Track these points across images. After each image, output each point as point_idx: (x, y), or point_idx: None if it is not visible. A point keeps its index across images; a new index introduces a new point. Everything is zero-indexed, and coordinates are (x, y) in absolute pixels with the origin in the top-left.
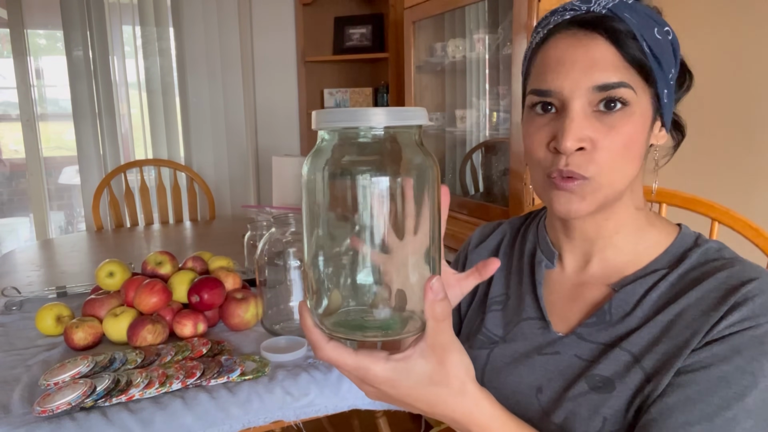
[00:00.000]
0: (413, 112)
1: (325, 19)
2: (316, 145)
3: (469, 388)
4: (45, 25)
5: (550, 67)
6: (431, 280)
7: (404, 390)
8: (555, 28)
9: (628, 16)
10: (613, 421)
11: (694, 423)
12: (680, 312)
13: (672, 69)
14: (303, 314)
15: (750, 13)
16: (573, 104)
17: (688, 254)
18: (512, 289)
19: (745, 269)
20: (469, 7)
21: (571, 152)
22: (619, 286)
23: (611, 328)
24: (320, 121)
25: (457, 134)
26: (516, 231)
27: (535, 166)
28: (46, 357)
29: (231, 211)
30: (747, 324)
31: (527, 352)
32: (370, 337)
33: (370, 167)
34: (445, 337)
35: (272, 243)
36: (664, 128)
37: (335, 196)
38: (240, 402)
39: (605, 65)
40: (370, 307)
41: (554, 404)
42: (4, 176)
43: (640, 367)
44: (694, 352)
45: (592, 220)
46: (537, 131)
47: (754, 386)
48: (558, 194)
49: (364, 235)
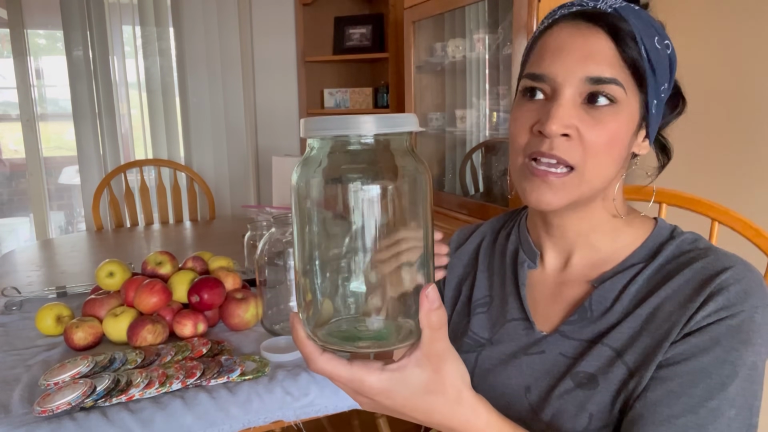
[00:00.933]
0: (403, 118)
1: (325, 19)
2: (305, 153)
3: (465, 395)
4: (45, 25)
5: (548, 52)
6: (427, 288)
7: (400, 400)
8: (560, 18)
9: (633, 19)
10: (599, 416)
11: (679, 416)
12: (658, 305)
13: (665, 83)
14: (295, 326)
15: (751, 13)
16: (564, 91)
17: (663, 247)
18: (495, 290)
19: (719, 259)
20: (469, 7)
21: (556, 136)
22: (598, 282)
23: (593, 324)
24: (309, 129)
25: (457, 134)
26: (496, 232)
27: (517, 150)
28: (46, 357)
29: (231, 211)
30: (724, 314)
31: (514, 352)
32: (364, 348)
33: (360, 175)
34: (440, 345)
35: (272, 243)
36: (648, 139)
37: (326, 205)
38: (240, 402)
39: (602, 59)
40: (364, 317)
41: (542, 402)
42: (4, 176)
43: (623, 362)
44: (674, 344)
45: (568, 217)
46: (522, 115)
47: (735, 375)
48: (533, 183)
49: (356, 244)
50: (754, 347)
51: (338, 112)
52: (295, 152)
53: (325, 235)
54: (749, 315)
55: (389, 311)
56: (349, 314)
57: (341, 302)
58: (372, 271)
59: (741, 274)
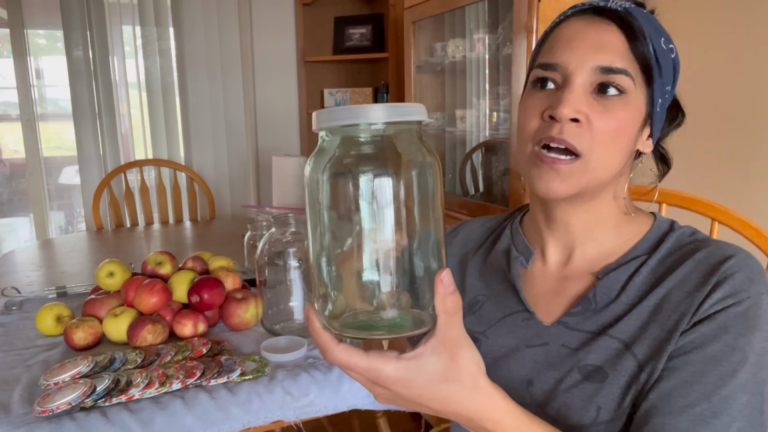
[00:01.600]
0: (412, 107)
1: (325, 19)
2: (317, 146)
3: (482, 383)
4: (45, 25)
5: (561, 43)
6: (441, 273)
7: (416, 389)
8: (572, 13)
9: (642, 19)
10: (607, 409)
11: (694, 405)
12: (665, 296)
13: (669, 85)
14: (310, 318)
15: (751, 13)
16: (575, 78)
17: (665, 239)
18: (488, 291)
19: (720, 248)
20: (469, 7)
21: (566, 120)
22: (602, 273)
23: (597, 315)
24: (320, 120)
25: (457, 134)
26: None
27: (526, 138)
28: (46, 357)
29: (231, 211)
30: (730, 301)
31: (515, 346)
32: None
33: (372, 165)
34: (456, 331)
35: (272, 243)
36: (651, 138)
37: (338, 196)
38: (240, 402)
39: (613, 50)
40: (378, 307)
41: (547, 396)
42: (4, 176)
43: (632, 354)
44: (684, 334)
45: (574, 211)
46: (533, 103)
47: (745, 361)
48: (541, 170)
49: (369, 234)
50: (761, 332)
51: None
52: (295, 152)
53: (338, 225)
54: (755, 301)
55: (404, 300)
56: (364, 304)
57: (356, 292)
58: (385, 260)
59: (744, 262)
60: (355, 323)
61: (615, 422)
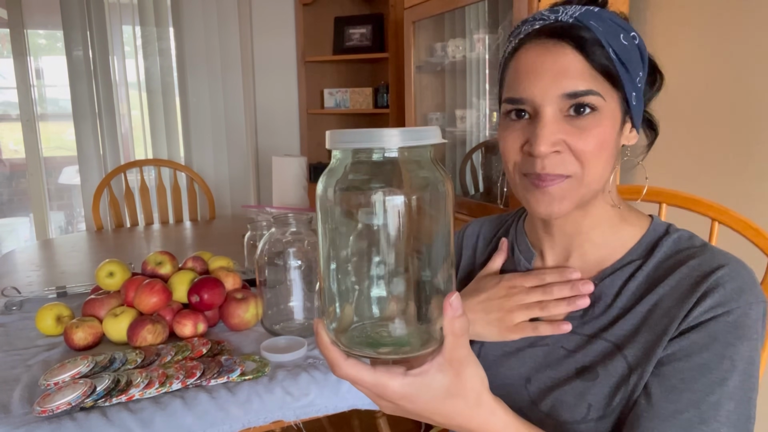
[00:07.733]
0: (426, 131)
1: (325, 19)
2: (330, 164)
3: (485, 399)
4: (45, 25)
5: (522, 76)
6: (450, 296)
7: (421, 404)
8: (525, 37)
9: (595, 24)
10: (597, 407)
11: (682, 411)
12: (657, 301)
13: (640, 72)
14: (319, 332)
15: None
16: (545, 110)
17: (660, 243)
18: None
19: (714, 256)
20: (469, 7)
21: (546, 155)
22: (599, 279)
23: (594, 320)
24: (335, 141)
25: (457, 134)
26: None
27: (512, 168)
28: (46, 357)
29: (231, 211)
30: (720, 310)
31: (520, 345)
32: (386, 355)
33: (383, 185)
34: (462, 351)
35: (272, 243)
36: (634, 129)
37: (349, 213)
38: (240, 402)
39: (573, 73)
40: (386, 324)
41: (542, 393)
42: (4, 176)
43: (623, 357)
44: (673, 340)
45: (571, 217)
46: (511, 135)
47: (733, 370)
48: (537, 195)
49: (379, 252)
50: (750, 342)
51: (338, 113)
52: (295, 152)
53: (349, 242)
54: (744, 311)
55: (411, 318)
56: (372, 320)
57: (365, 309)
58: (394, 278)
59: (735, 272)
60: (363, 338)
61: (604, 420)
